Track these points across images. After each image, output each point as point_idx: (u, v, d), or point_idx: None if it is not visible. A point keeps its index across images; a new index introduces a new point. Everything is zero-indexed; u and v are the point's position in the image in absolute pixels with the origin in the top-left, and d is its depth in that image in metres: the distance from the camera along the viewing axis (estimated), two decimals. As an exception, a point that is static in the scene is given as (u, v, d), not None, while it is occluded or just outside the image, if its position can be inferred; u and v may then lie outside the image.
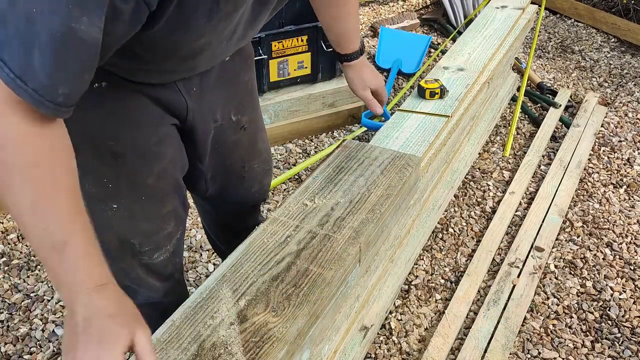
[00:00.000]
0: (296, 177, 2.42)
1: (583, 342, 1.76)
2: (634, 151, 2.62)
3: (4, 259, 2.04)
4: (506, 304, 1.83)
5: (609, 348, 1.74)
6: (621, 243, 2.12)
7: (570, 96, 3.00)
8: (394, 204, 1.28)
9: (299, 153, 2.60)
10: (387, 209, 1.24)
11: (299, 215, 1.20)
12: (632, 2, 3.62)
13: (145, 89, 1.04)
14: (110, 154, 1.05)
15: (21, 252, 2.07)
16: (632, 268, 2.02)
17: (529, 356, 1.72)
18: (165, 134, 1.12)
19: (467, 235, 2.15)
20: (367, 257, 1.22)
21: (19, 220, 0.74)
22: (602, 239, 2.14)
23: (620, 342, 1.76)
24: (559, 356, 1.72)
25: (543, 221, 2.17)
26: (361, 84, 1.50)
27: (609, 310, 1.86)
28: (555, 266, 2.02)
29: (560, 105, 2.86)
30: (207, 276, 1.98)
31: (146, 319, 1.37)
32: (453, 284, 1.95)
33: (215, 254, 2.06)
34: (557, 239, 2.13)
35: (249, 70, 1.31)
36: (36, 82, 0.70)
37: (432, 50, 3.39)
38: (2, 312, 1.85)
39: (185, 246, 2.10)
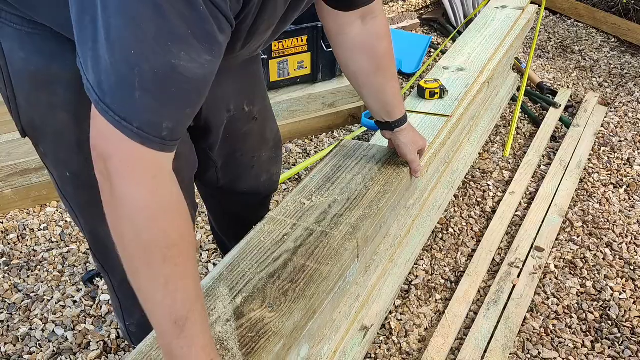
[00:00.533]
0: (296, 177, 2.42)
1: (583, 342, 1.76)
2: (634, 151, 2.62)
3: (4, 259, 2.04)
4: (506, 304, 1.83)
5: (609, 348, 1.74)
6: (621, 243, 2.12)
7: (570, 96, 3.00)
8: (391, 199, 1.29)
9: (299, 153, 2.60)
10: (384, 205, 1.25)
11: (296, 214, 1.20)
12: (632, 2, 3.62)
13: None
14: None
15: (21, 252, 2.07)
16: (632, 268, 2.02)
17: (529, 356, 1.71)
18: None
19: (467, 235, 2.15)
20: (365, 253, 1.23)
21: (147, 296, 0.77)
22: (602, 239, 2.14)
23: (620, 342, 1.76)
24: (559, 356, 1.72)
25: (543, 221, 2.17)
26: (414, 147, 1.38)
27: (609, 310, 1.86)
28: (555, 266, 2.02)
29: (560, 105, 2.86)
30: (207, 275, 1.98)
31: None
32: (453, 284, 1.95)
33: (215, 253, 2.06)
34: (557, 239, 2.13)
35: (258, 61, 1.34)
36: (141, 120, 0.72)
37: (432, 50, 3.39)
38: (2, 312, 1.85)
39: (185, 246, 2.10)
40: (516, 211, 2.25)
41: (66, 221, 2.19)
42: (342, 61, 1.25)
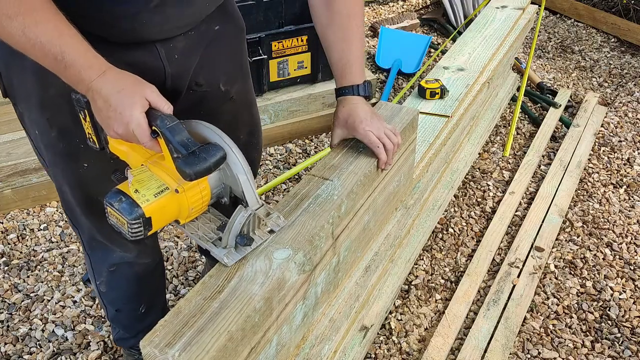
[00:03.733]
0: (296, 177, 2.42)
1: (583, 342, 1.76)
2: (634, 151, 2.62)
3: (4, 259, 2.04)
4: (506, 304, 1.83)
5: (609, 348, 1.74)
6: (621, 243, 2.12)
7: (570, 96, 3.00)
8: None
9: (299, 153, 2.60)
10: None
11: None
12: (632, 2, 3.62)
13: (119, 52, 1.06)
14: None
15: (21, 252, 2.07)
16: (632, 268, 2.02)
17: (529, 356, 1.72)
18: None
19: (467, 235, 2.15)
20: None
21: (22, 48, 0.90)
22: (602, 239, 2.14)
23: (620, 342, 1.76)
24: (559, 356, 1.72)
25: (543, 221, 2.17)
26: (370, 126, 1.22)
27: (609, 310, 1.86)
28: (555, 266, 2.02)
29: (560, 105, 2.86)
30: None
31: (122, 279, 1.42)
32: (453, 284, 1.95)
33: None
34: (557, 239, 2.13)
35: (242, 44, 1.33)
36: None
37: (432, 50, 3.39)
38: (2, 312, 1.85)
39: (185, 245, 2.10)
40: (516, 211, 2.25)
41: (66, 221, 2.19)
42: (309, 3, 1.24)
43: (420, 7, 4.04)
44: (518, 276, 1.93)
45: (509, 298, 1.85)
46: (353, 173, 1.21)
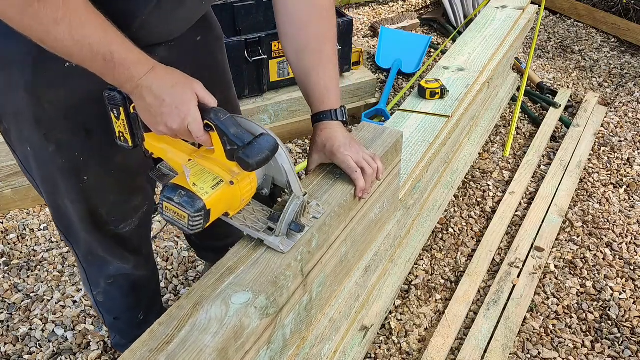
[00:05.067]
0: (296, 177, 2.42)
1: (583, 342, 1.76)
2: (634, 151, 2.62)
3: (4, 259, 2.04)
4: (506, 304, 1.83)
5: (609, 348, 1.74)
6: (621, 243, 2.12)
7: (570, 96, 3.00)
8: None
9: (299, 153, 2.60)
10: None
11: None
12: (632, 2, 3.62)
13: None
14: (83, 129, 1.10)
15: (21, 252, 2.07)
16: (632, 268, 2.02)
17: (529, 356, 1.71)
18: None
19: (467, 235, 2.15)
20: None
21: (69, 52, 0.87)
22: (602, 239, 2.14)
23: (620, 342, 1.76)
24: (559, 356, 1.72)
25: (543, 221, 2.17)
26: (349, 152, 1.15)
27: (609, 310, 1.86)
28: (555, 266, 2.02)
29: (560, 105, 2.86)
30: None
31: (120, 290, 1.42)
32: (453, 284, 1.95)
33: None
34: (557, 239, 2.13)
35: (221, 52, 1.33)
36: None
37: (432, 50, 3.39)
38: (2, 312, 1.85)
39: (185, 245, 2.10)
40: (516, 211, 2.25)
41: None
42: (279, 30, 1.19)
43: (420, 7, 4.04)
44: (518, 276, 1.93)
45: (509, 298, 1.85)
46: (327, 203, 1.11)
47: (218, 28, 1.31)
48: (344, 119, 1.20)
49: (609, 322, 1.83)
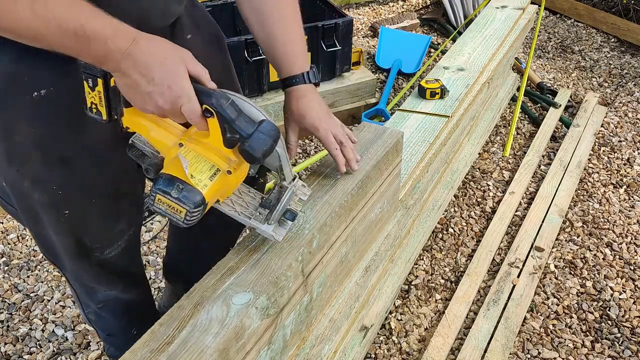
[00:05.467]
0: (296, 177, 2.42)
1: (583, 342, 1.76)
2: (634, 151, 2.62)
3: (4, 259, 2.04)
4: (506, 304, 1.83)
5: (609, 348, 1.74)
6: (621, 243, 2.12)
7: (570, 96, 3.00)
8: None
9: (299, 153, 2.60)
10: None
11: None
12: (632, 2, 3.63)
13: None
14: (58, 160, 1.01)
15: (21, 252, 2.07)
16: (632, 268, 2.02)
17: (529, 356, 1.72)
18: (118, 138, 1.01)
19: (467, 235, 2.15)
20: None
21: (35, 34, 0.76)
22: (602, 239, 2.14)
23: (620, 342, 1.76)
24: (559, 356, 1.72)
25: (543, 221, 2.17)
26: (321, 122, 1.13)
27: (609, 310, 1.86)
28: (555, 266, 2.02)
29: (560, 105, 2.86)
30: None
31: (111, 312, 1.38)
32: (453, 284, 1.95)
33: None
34: (557, 239, 2.13)
35: (222, 52, 1.25)
36: None
37: (432, 50, 3.39)
38: (2, 312, 1.85)
39: (185, 246, 2.10)
40: (516, 211, 2.25)
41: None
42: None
43: (420, 7, 4.04)
44: (518, 276, 1.93)
45: (509, 298, 1.85)
46: (327, 204, 1.11)
47: (213, 28, 1.23)
48: (317, 81, 1.15)
49: (609, 322, 1.83)
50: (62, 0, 0.76)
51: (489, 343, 1.71)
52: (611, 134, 2.73)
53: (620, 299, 1.90)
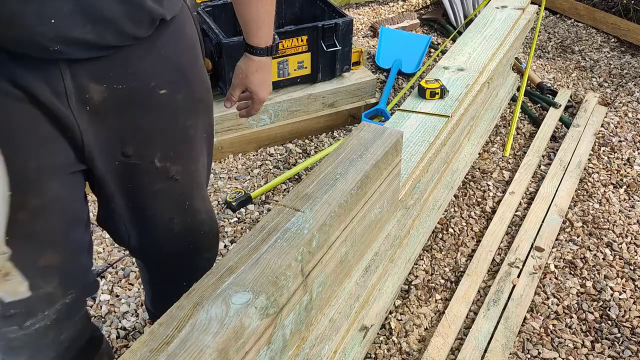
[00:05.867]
0: (296, 177, 2.42)
1: (583, 342, 1.76)
2: (634, 151, 2.62)
3: (4, 259, 2.04)
4: (506, 304, 1.83)
5: (609, 348, 1.74)
6: (621, 243, 2.12)
7: (570, 96, 3.00)
8: None
9: (299, 153, 2.60)
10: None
11: None
12: (632, 2, 3.62)
13: (28, 95, 0.85)
14: None
15: (21, 252, 2.07)
16: (632, 268, 2.02)
17: (529, 356, 1.72)
18: (53, 164, 0.91)
19: (467, 235, 2.15)
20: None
21: None
22: (602, 239, 2.14)
23: (620, 342, 1.76)
24: (559, 356, 1.72)
25: (543, 221, 2.17)
26: (243, 80, 1.28)
27: (609, 310, 1.86)
28: (555, 266, 2.02)
29: (560, 105, 2.86)
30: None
31: None
32: (453, 284, 1.95)
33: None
34: (557, 239, 2.13)
35: (195, 115, 1.09)
36: None
37: (432, 50, 3.39)
38: (2, 312, 1.85)
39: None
40: (516, 211, 2.25)
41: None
42: None
43: (420, 7, 4.04)
44: (518, 276, 1.93)
45: (509, 298, 1.85)
46: (327, 204, 1.11)
47: (200, 82, 1.09)
48: (275, 53, 1.28)
49: (609, 322, 1.83)
50: None
51: (489, 343, 1.71)
52: (611, 134, 2.73)
53: (620, 299, 1.90)
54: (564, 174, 2.42)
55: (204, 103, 1.12)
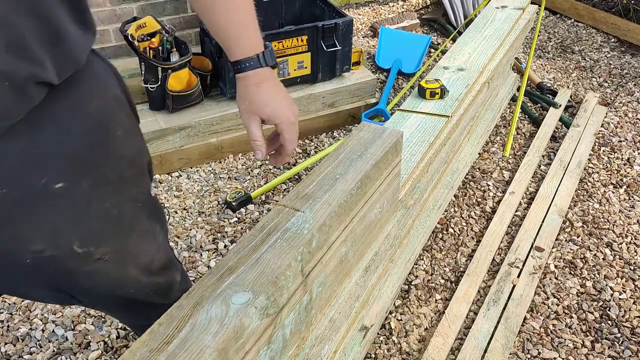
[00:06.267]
0: (296, 177, 2.42)
1: (583, 342, 1.76)
2: (634, 151, 2.62)
3: (4, 259, 2.04)
4: (506, 304, 1.83)
5: (609, 348, 1.74)
6: (621, 243, 2.12)
7: (570, 96, 3.00)
8: None
9: (299, 153, 2.60)
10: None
11: None
12: (632, 2, 3.62)
13: None
14: None
15: (21, 252, 2.07)
16: (632, 268, 2.02)
17: (529, 356, 1.72)
18: None
19: (467, 235, 2.15)
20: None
21: None
22: (602, 239, 2.14)
23: (620, 342, 1.76)
24: (559, 356, 1.72)
25: (543, 221, 2.17)
26: (250, 107, 0.97)
27: (609, 310, 1.86)
28: (555, 266, 2.02)
29: (560, 105, 2.86)
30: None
31: None
32: (453, 284, 1.95)
33: (215, 253, 2.06)
34: (557, 239, 2.13)
35: (116, 195, 0.92)
36: None
37: (432, 50, 3.39)
38: (2, 312, 1.85)
39: (185, 245, 2.10)
40: (516, 211, 2.25)
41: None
42: None
43: (420, 7, 4.04)
44: (518, 276, 1.93)
45: (509, 298, 1.85)
46: (327, 203, 1.10)
47: (134, 162, 0.93)
48: (274, 62, 0.98)
49: (609, 322, 1.83)
50: None
51: (489, 343, 1.71)
52: (611, 134, 2.73)
53: (620, 299, 1.90)
54: (564, 174, 2.42)
55: (126, 178, 0.92)
